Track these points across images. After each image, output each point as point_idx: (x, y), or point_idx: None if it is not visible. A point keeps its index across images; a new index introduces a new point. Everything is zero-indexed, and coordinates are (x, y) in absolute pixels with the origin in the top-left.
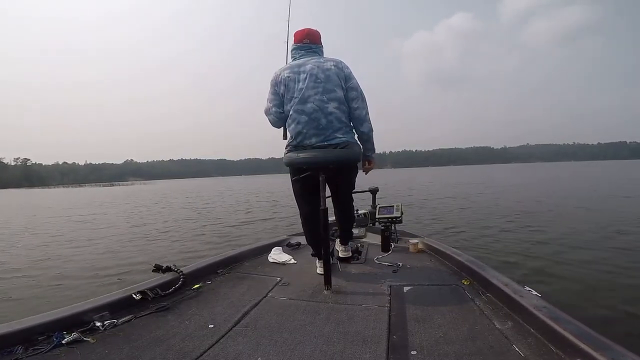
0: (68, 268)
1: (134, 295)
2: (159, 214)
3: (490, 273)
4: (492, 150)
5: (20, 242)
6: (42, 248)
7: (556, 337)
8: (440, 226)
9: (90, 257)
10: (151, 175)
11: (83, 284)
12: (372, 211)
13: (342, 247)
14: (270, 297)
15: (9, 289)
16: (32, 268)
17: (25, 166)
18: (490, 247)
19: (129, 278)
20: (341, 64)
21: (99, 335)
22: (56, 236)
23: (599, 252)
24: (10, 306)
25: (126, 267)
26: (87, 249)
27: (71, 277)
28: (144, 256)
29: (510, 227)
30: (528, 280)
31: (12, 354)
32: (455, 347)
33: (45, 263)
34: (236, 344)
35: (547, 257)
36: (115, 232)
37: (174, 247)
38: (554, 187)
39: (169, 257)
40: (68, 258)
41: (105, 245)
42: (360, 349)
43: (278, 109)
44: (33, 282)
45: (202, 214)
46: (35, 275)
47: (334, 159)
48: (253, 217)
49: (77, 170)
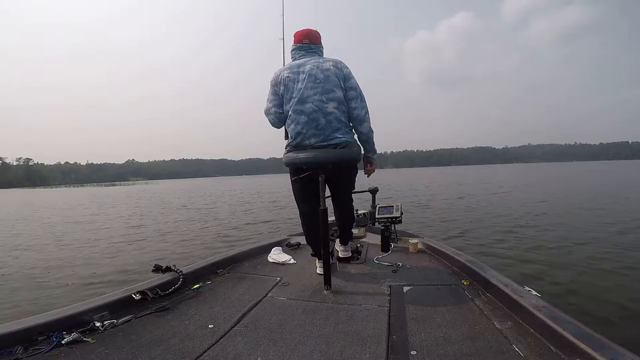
0: (68, 268)
1: (134, 296)
2: (160, 215)
3: (490, 273)
4: (493, 150)
5: (20, 244)
6: (41, 249)
7: (556, 337)
8: (453, 229)
9: (90, 258)
10: (152, 175)
11: (82, 284)
12: (372, 211)
13: (342, 247)
14: (270, 297)
15: (11, 289)
16: (34, 268)
17: (27, 166)
18: (518, 248)
19: (128, 278)
20: (340, 64)
21: (98, 335)
22: (56, 236)
23: (606, 251)
24: (11, 306)
25: (131, 267)
26: (86, 250)
27: (72, 277)
28: (146, 256)
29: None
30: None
31: (12, 354)
32: (455, 347)
33: (47, 264)
34: (236, 344)
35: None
36: (114, 233)
37: (172, 247)
38: (576, 186)
39: (169, 257)
40: (67, 259)
41: (104, 245)
42: (360, 349)
43: (278, 109)
44: (35, 283)
45: (204, 214)
46: (36, 276)
47: (334, 159)
48: (255, 218)
49: (78, 170)
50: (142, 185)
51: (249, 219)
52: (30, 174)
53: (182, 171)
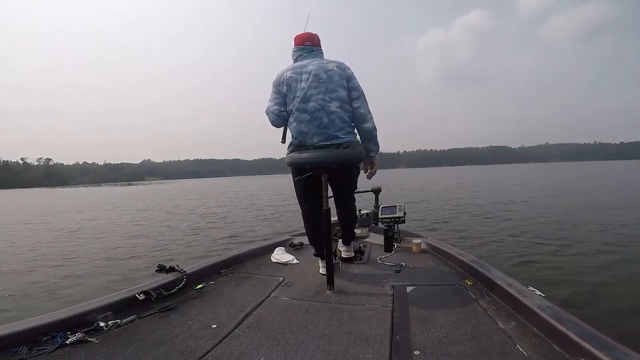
0: (70, 268)
1: (138, 296)
2: (174, 214)
3: (494, 273)
4: (509, 150)
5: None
6: (51, 248)
7: (559, 337)
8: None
9: (97, 256)
10: (167, 174)
11: (87, 284)
12: (375, 211)
13: (345, 247)
14: (273, 297)
15: (20, 288)
16: (42, 267)
17: (47, 166)
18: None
19: (133, 277)
20: (343, 65)
21: (102, 335)
22: (65, 235)
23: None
24: (16, 306)
25: (136, 265)
26: (93, 249)
27: (74, 276)
28: (158, 256)
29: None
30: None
31: (16, 354)
32: (458, 347)
33: (54, 262)
34: (239, 344)
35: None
36: (124, 231)
37: (184, 248)
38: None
39: (185, 256)
40: (72, 258)
41: (114, 245)
42: (363, 349)
43: (279, 107)
44: (43, 281)
45: (218, 214)
46: (42, 275)
47: (336, 159)
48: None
49: (96, 170)
50: (157, 185)
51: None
52: (50, 174)
53: (197, 171)
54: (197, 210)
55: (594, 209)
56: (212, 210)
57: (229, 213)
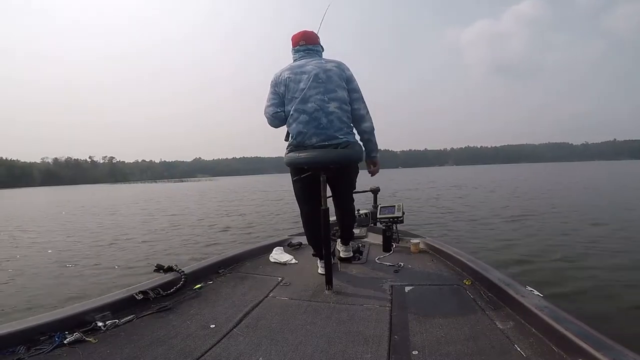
0: (71, 267)
1: (136, 295)
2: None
3: (492, 273)
4: (570, 147)
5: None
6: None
7: (558, 337)
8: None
9: (104, 256)
10: (216, 172)
11: (85, 284)
12: (374, 211)
13: (343, 247)
14: (272, 297)
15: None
16: (55, 263)
17: (111, 164)
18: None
19: (135, 276)
20: (342, 66)
21: (100, 335)
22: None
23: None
24: (14, 303)
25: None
26: (99, 250)
27: (75, 276)
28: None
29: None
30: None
31: (14, 353)
32: (457, 347)
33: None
34: (237, 344)
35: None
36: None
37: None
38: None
39: (190, 255)
40: (78, 256)
41: (122, 244)
42: (362, 349)
43: (277, 108)
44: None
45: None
46: (54, 272)
47: (335, 159)
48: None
49: (153, 167)
50: (206, 182)
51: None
52: (113, 171)
53: (242, 168)
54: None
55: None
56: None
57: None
